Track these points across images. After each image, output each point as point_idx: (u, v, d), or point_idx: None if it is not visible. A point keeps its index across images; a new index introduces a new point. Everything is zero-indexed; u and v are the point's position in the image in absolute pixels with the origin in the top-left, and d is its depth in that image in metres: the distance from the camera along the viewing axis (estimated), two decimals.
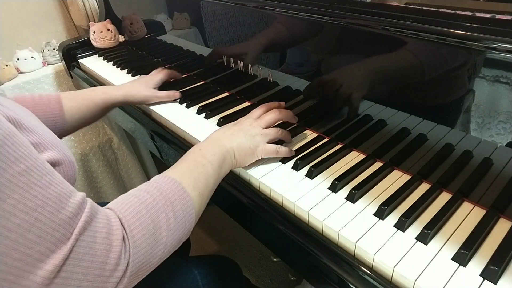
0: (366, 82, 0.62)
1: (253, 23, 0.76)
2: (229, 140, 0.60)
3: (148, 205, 0.45)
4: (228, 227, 1.57)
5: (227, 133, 0.61)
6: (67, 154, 0.49)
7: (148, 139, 0.91)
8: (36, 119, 0.56)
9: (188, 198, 0.49)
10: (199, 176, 0.53)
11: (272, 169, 0.63)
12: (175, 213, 0.47)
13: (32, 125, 0.46)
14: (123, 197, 0.47)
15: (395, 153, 0.61)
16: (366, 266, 0.48)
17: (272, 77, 0.79)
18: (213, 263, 0.76)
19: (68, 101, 0.76)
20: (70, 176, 0.50)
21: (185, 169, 0.53)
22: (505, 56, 0.44)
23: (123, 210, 0.44)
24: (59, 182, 0.39)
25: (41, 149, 0.45)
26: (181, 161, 0.56)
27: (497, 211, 0.50)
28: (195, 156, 0.56)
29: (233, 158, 0.60)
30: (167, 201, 0.47)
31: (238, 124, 0.64)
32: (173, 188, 0.49)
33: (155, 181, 0.49)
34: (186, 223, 0.48)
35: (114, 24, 1.25)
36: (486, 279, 0.42)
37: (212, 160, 0.56)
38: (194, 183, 0.51)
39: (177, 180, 0.50)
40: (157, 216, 0.45)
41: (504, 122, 0.48)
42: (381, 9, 0.54)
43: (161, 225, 0.45)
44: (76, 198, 0.40)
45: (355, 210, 0.53)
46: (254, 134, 0.62)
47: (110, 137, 1.49)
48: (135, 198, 0.46)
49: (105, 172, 1.50)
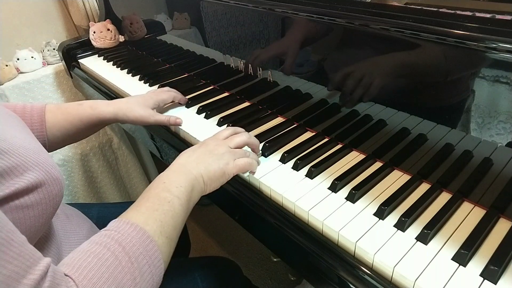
0: (366, 82, 0.62)
1: (253, 23, 0.76)
2: (195, 165, 0.55)
3: (109, 267, 0.39)
4: (228, 227, 1.57)
5: (192, 157, 0.56)
6: (51, 171, 0.45)
7: (148, 139, 0.91)
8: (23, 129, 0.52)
9: (155, 248, 0.44)
10: (165, 217, 0.47)
11: (272, 169, 0.63)
12: (141, 270, 0.41)
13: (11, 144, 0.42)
14: (81, 257, 0.40)
15: (395, 153, 0.61)
16: (366, 266, 0.48)
17: (272, 77, 0.79)
18: (214, 264, 0.76)
19: (52, 115, 0.69)
20: (55, 194, 0.45)
21: (148, 210, 0.47)
22: (505, 56, 0.44)
23: (81, 277, 0.38)
24: (12, 257, 0.33)
25: (19, 172, 0.41)
26: (143, 199, 0.49)
27: (497, 211, 0.50)
28: (159, 191, 0.50)
29: (202, 184, 0.55)
30: (131, 257, 0.41)
31: (204, 145, 0.59)
32: (137, 239, 0.43)
33: (115, 230, 0.43)
34: (154, 277, 0.43)
35: (114, 24, 1.25)
36: (486, 279, 0.42)
37: (178, 193, 0.50)
38: (161, 227, 0.46)
39: (141, 228, 0.44)
40: (121, 279, 0.39)
41: (504, 122, 0.48)
42: (381, 9, 0.54)
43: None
44: (33, 276, 0.34)
45: (355, 210, 0.53)
46: (222, 152, 0.58)
47: (110, 137, 1.49)
48: (95, 258, 0.40)
49: (105, 172, 1.50)
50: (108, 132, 1.48)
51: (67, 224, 0.59)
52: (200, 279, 0.69)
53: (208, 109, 0.83)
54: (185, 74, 1.04)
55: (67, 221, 0.60)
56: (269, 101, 0.82)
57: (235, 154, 0.59)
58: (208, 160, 0.56)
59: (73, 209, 0.67)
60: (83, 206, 0.76)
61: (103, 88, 1.08)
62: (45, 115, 0.68)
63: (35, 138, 0.52)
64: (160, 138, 0.84)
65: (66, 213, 0.61)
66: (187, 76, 1.03)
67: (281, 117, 0.79)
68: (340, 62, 0.65)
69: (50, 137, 0.69)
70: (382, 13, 0.54)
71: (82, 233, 0.61)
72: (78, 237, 0.59)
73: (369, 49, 0.60)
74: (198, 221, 1.62)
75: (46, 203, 0.44)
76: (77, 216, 0.65)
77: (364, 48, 0.61)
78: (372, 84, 0.61)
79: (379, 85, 0.60)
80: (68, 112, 0.71)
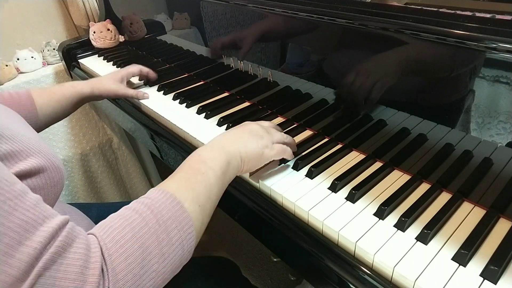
0: (365, 82, 0.62)
1: (253, 23, 0.76)
2: (232, 142, 0.54)
3: (134, 228, 0.40)
4: (228, 227, 1.57)
5: (230, 134, 0.57)
6: (52, 159, 0.46)
7: (148, 139, 0.91)
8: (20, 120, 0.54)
9: (185, 214, 0.43)
10: (198, 186, 0.47)
11: (272, 169, 0.63)
12: (169, 234, 0.41)
13: (13, 131, 0.43)
14: (110, 220, 0.41)
15: (395, 153, 0.61)
16: (366, 266, 0.48)
17: (272, 77, 0.79)
18: (213, 264, 0.76)
19: (39, 97, 0.75)
20: (57, 181, 0.46)
21: (181, 179, 0.48)
22: (505, 56, 0.44)
23: (105, 236, 0.38)
24: (29, 207, 0.35)
25: (22, 157, 0.42)
26: (178, 170, 0.50)
27: (497, 211, 0.50)
28: (193, 162, 0.50)
29: (240, 162, 0.54)
30: (159, 220, 0.41)
31: (244, 125, 0.60)
32: (167, 203, 0.43)
33: (146, 197, 0.44)
34: (184, 244, 0.42)
35: (114, 24, 1.25)
36: (486, 279, 0.42)
37: (213, 165, 0.50)
38: (192, 196, 0.46)
39: (171, 194, 0.44)
40: (145, 240, 0.39)
41: (504, 122, 0.48)
42: (381, 9, 0.54)
43: (151, 250, 0.39)
44: (50, 224, 0.35)
45: (355, 210, 0.53)
46: (261, 135, 0.58)
47: (110, 137, 1.49)
48: (122, 219, 0.40)
49: (105, 172, 1.50)
50: (108, 132, 1.48)
51: None
52: (200, 279, 0.69)
53: (208, 109, 0.83)
54: (185, 74, 1.04)
55: None
56: (269, 101, 0.82)
57: (272, 137, 0.59)
58: (247, 139, 0.56)
59: (71, 207, 0.68)
60: (82, 206, 0.76)
61: None
62: (33, 98, 0.74)
63: (33, 129, 0.54)
64: (161, 139, 0.84)
65: (64, 211, 0.62)
66: (187, 76, 1.03)
67: (281, 117, 0.79)
68: (340, 63, 0.65)
69: (41, 117, 0.75)
70: (382, 13, 0.54)
71: None
72: None
73: (369, 50, 0.60)
74: None
75: (48, 189, 0.45)
76: (75, 213, 0.65)
77: (364, 48, 0.61)
78: (371, 84, 0.61)
79: (379, 85, 0.60)
80: (53, 92, 0.79)
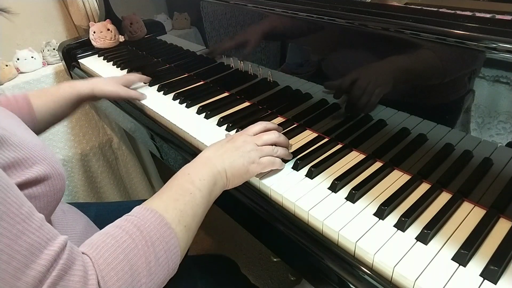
0: (366, 82, 0.62)
1: (253, 23, 0.76)
2: (221, 160, 0.56)
3: (125, 249, 0.41)
4: (228, 227, 1.57)
5: (219, 152, 0.57)
6: (56, 166, 0.47)
7: (148, 139, 0.91)
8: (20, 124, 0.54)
9: (172, 235, 0.45)
10: (185, 207, 0.48)
11: (272, 169, 0.63)
12: (157, 255, 0.43)
13: (20, 138, 0.44)
14: (100, 238, 0.42)
15: (395, 153, 0.61)
16: (366, 266, 0.48)
17: (272, 77, 0.79)
18: (212, 262, 0.76)
19: (37, 99, 0.74)
20: (59, 189, 0.47)
21: (170, 199, 0.49)
22: (505, 56, 0.44)
23: (98, 257, 0.40)
24: (35, 229, 0.36)
25: (29, 164, 0.43)
26: (167, 188, 0.51)
27: (497, 211, 0.50)
28: (182, 182, 0.51)
29: (225, 180, 0.56)
30: (148, 242, 0.42)
31: (232, 141, 0.60)
32: (155, 224, 0.44)
33: (135, 216, 0.45)
34: (169, 263, 0.44)
35: (114, 24, 1.25)
36: (486, 279, 0.42)
37: (201, 186, 0.51)
38: (180, 216, 0.47)
39: (160, 215, 0.45)
40: (136, 261, 0.41)
41: (504, 122, 0.48)
42: (381, 9, 0.54)
43: (140, 271, 0.41)
44: (53, 247, 0.36)
45: (355, 210, 0.53)
46: (249, 150, 0.58)
47: (110, 137, 1.49)
48: (112, 240, 0.42)
49: (105, 172, 1.50)
50: (108, 132, 1.48)
51: (63, 219, 0.60)
52: (199, 277, 0.69)
53: (208, 109, 0.83)
54: (185, 74, 1.04)
55: (63, 216, 0.60)
56: (269, 101, 0.82)
57: (261, 152, 0.59)
58: (234, 156, 0.57)
59: (70, 206, 0.68)
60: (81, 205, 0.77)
61: None
62: (30, 100, 0.73)
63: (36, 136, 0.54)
64: (160, 138, 0.84)
65: (62, 209, 0.62)
66: (187, 76, 1.03)
67: (281, 117, 0.79)
68: (340, 63, 0.65)
69: (39, 119, 0.74)
70: (382, 13, 0.54)
71: (79, 229, 0.61)
72: (74, 232, 0.59)
73: (369, 49, 0.60)
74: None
75: (51, 196, 0.46)
76: (73, 212, 0.66)
77: (364, 48, 0.61)
78: (371, 84, 0.61)
79: (379, 85, 0.60)
80: (51, 93, 0.78)
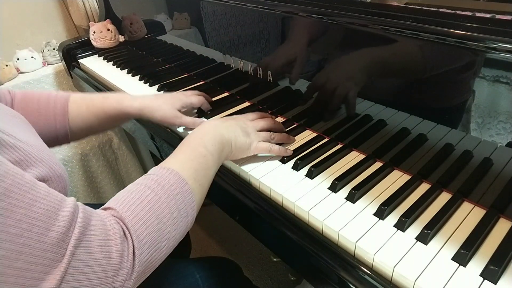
0: (366, 82, 0.62)
1: (253, 23, 0.76)
2: (227, 131, 0.60)
3: (150, 201, 0.45)
4: (228, 227, 1.57)
5: (224, 124, 0.61)
6: (55, 168, 0.47)
7: (148, 139, 0.91)
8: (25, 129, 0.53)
9: (190, 190, 0.49)
10: (199, 167, 0.53)
11: (272, 169, 0.63)
12: (178, 207, 0.47)
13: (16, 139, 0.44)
14: (124, 195, 0.45)
15: (395, 153, 0.61)
16: (366, 266, 0.48)
17: (272, 77, 0.78)
18: (215, 265, 0.75)
19: (76, 106, 0.70)
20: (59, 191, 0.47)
21: (186, 160, 0.53)
22: (505, 56, 0.44)
23: (125, 210, 0.43)
24: (44, 195, 0.36)
25: (25, 166, 0.42)
26: (182, 150, 0.55)
27: (497, 211, 0.50)
28: (196, 145, 0.55)
29: (230, 150, 0.60)
30: (170, 195, 0.46)
31: (233, 119, 0.64)
32: (174, 180, 0.48)
33: (155, 174, 0.49)
34: (188, 215, 0.49)
35: (114, 24, 1.25)
36: (486, 279, 0.42)
37: (212, 150, 0.56)
38: (195, 175, 0.51)
39: (177, 172, 0.49)
40: (161, 211, 0.45)
41: (504, 122, 0.48)
42: (381, 9, 0.54)
43: (165, 220, 0.45)
44: (67, 208, 0.37)
45: (355, 210, 0.53)
46: (250, 132, 0.63)
47: (110, 137, 1.49)
48: (137, 195, 0.45)
49: (105, 172, 1.50)
50: (108, 132, 1.48)
51: None
52: (201, 280, 0.69)
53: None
54: (185, 74, 1.04)
55: None
56: (269, 101, 0.82)
57: (259, 136, 0.64)
58: (238, 132, 0.61)
59: None
60: None
61: (103, 88, 1.08)
62: (69, 106, 0.69)
63: (38, 137, 0.53)
64: (160, 138, 0.84)
65: None
66: (187, 76, 1.03)
67: (281, 117, 0.79)
68: (340, 62, 0.65)
69: (73, 128, 0.70)
70: (382, 13, 0.54)
71: None
72: None
73: (368, 49, 0.60)
74: (198, 221, 1.61)
75: None
76: None
77: (364, 47, 0.61)
78: (371, 84, 0.61)
79: (379, 85, 0.60)
80: (93, 104, 0.71)
